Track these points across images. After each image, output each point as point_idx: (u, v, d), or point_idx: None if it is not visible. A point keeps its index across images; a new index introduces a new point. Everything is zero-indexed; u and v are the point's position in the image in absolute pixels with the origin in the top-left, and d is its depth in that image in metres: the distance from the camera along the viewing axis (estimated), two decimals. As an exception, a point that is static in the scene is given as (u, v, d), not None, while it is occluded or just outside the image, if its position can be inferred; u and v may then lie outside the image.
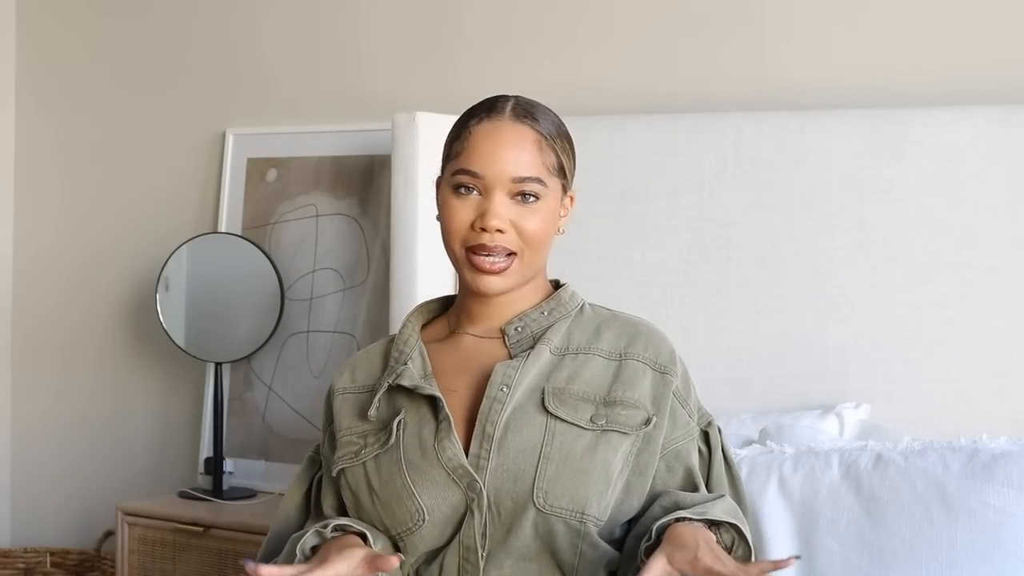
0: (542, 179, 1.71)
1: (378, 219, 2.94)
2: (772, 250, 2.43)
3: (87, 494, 3.34)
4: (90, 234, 3.37)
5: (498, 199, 1.69)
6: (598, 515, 1.66)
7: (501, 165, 1.69)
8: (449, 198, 1.72)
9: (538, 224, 1.71)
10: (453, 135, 1.76)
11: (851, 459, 1.94)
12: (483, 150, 1.70)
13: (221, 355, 3.02)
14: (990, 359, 2.28)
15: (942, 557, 1.82)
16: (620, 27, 2.74)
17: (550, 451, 1.66)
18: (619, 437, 1.68)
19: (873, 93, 2.48)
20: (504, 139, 1.71)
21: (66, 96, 3.41)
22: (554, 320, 1.76)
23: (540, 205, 1.71)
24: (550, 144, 1.73)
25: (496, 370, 1.71)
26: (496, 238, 1.69)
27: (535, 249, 1.72)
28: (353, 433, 1.76)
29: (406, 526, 1.68)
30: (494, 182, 1.69)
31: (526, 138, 1.71)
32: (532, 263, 1.73)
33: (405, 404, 1.73)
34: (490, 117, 1.72)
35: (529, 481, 1.65)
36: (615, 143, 2.55)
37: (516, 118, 1.72)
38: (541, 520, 1.65)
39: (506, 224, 1.69)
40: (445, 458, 1.67)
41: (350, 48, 3.04)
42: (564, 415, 1.68)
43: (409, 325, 1.82)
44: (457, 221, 1.71)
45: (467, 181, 1.70)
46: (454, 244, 1.72)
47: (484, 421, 1.68)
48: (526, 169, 1.70)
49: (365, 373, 1.81)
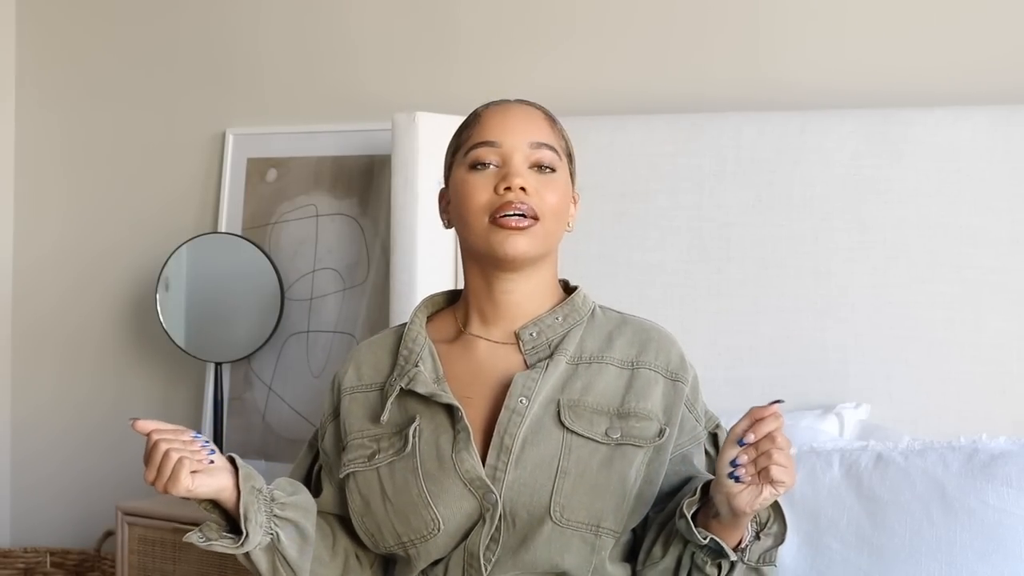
0: (557, 150, 1.73)
1: (378, 219, 2.94)
2: (772, 250, 2.43)
3: (87, 494, 3.34)
4: (90, 234, 3.37)
5: (518, 163, 1.70)
6: (614, 527, 1.67)
7: (518, 133, 1.72)
8: (466, 176, 1.72)
9: (556, 197, 1.71)
10: (461, 127, 1.78)
11: (852, 459, 1.94)
12: (497, 123, 1.73)
13: (221, 355, 3.02)
14: (990, 359, 2.28)
15: (942, 556, 1.82)
16: (620, 27, 2.74)
17: (567, 465, 1.66)
18: (633, 450, 1.68)
19: (873, 93, 2.48)
20: (517, 112, 1.75)
21: (66, 96, 3.41)
22: (570, 327, 1.75)
23: (557, 178, 1.72)
24: (559, 130, 1.77)
25: (515, 381, 1.69)
26: (521, 196, 1.68)
27: (555, 219, 1.72)
28: (365, 436, 1.74)
29: (420, 534, 1.67)
30: (512, 149, 1.71)
31: (536, 114, 1.76)
32: (550, 235, 1.72)
33: (419, 410, 1.72)
34: (497, 103, 1.77)
35: (546, 495, 1.65)
36: (615, 143, 2.55)
37: (523, 102, 1.77)
38: (556, 534, 1.65)
39: (530, 186, 1.69)
40: (463, 469, 1.66)
41: (350, 48, 3.04)
42: (580, 429, 1.67)
43: (417, 321, 1.80)
44: (478, 194, 1.70)
45: (484, 154, 1.71)
46: (476, 217, 1.70)
47: (503, 433, 1.67)
48: (542, 136, 1.73)
49: (372, 370, 1.79)
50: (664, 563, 1.68)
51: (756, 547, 1.63)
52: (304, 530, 1.71)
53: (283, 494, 1.70)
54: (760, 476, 1.51)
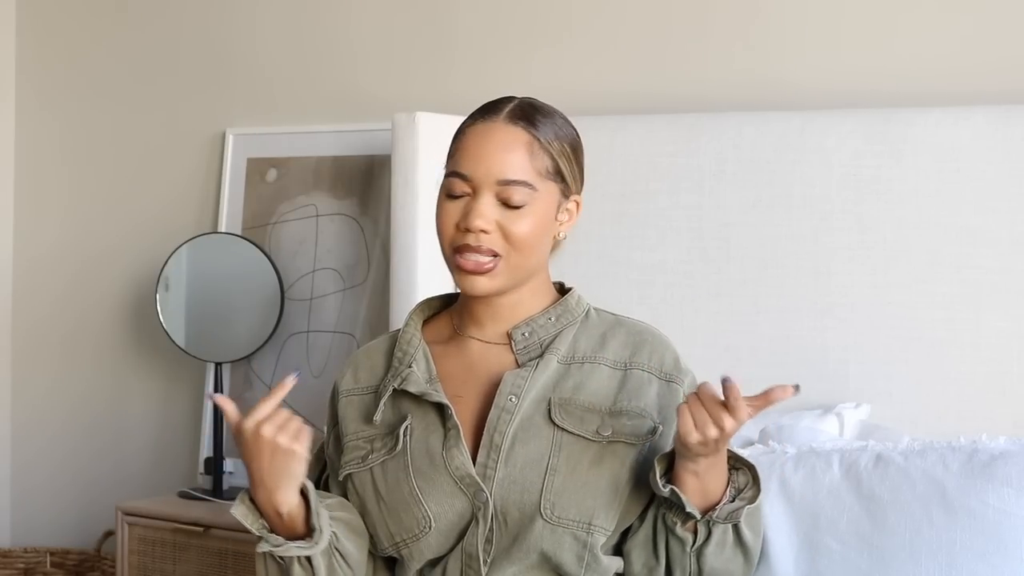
0: (530, 183, 1.68)
1: (378, 219, 2.94)
2: (772, 250, 2.43)
3: (87, 494, 3.34)
4: (90, 234, 3.37)
5: (484, 200, 1.68)
6: (605, 525, 1.67)
7: (487, 167, 1.68)
8: (442, 200, 1.72)
9: (525, 228, 1.69)
10: (454, 135, 1.76)
11: (851, 459, 1.94)
12: (472, 152, 1.69)
13: (221, 355, 3.02)
14: (990, 359, 2.28)
15: (942, 557, 1.82)
16: (620, 27, 2.74)
17: (557, 463, 1.66)
18: (625, 448, 1.69)
19: (873, 93, 2.48)
20: (494, 140, 1.69)
21: (66, 95, 3.41)
22: (562, 327, 1.75)
23: (528, 210, 1.69)
24: (544, 147, 1.70)
25: (505, 379, 1.70)
26: (480, 238, 1.67)
27: (522, 252, 1.69)
28: (360, 438, 1.75)
29: (412, 533, 1.68)
30: (481, 184, 1.68)
31: (517, 141, 1.69)
32: (520, 266, 1.71)
33: (411, 409, 1.73)
34: (485, 119, 1.71)
35: (536, 493, 1.65)
36: (615, 143, 2.54)
37: (511, 120, 1.70)
38: (548, 531, 1.65)
39: (491, 225, 1.67)
40: (453, 467, 1.67)
41: (350, 48, 3.04)
42: (570, 427, 1.68)
43: (412, 324, 1.81)
44: (446, 223, 1.71)
45: (456, 185, 1.70)
46: (444, 246, 1.72)
47: (492, 431, 1.68)
48: (513, 172, 1.68)
49: (368, 373, 1.81)
50: (641, 533, 1.70)
51: (725, 508, 1.65)
52: (357, 527, 1.72)
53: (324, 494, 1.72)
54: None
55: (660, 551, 1.69)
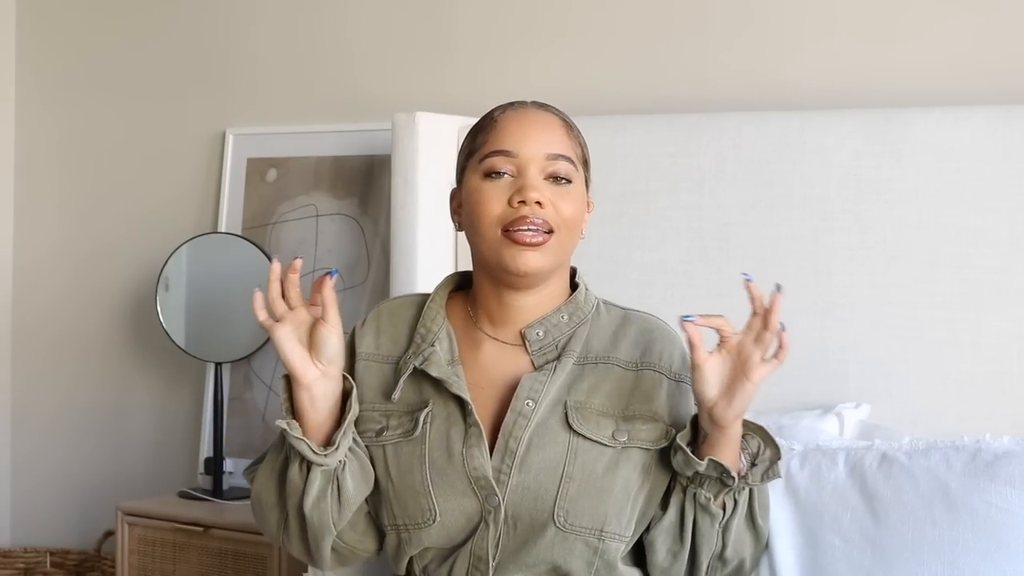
0: (573, 160, 1.70)
1: (378, 219, 2.94)
2: (772, 250, 2.43)
3: (87, 494, 3.34)
4: (90, 234, 3.37)
5: (534, 175, 1.67)
6: (618, 531, 1.67)
7: (534, 143, 1.68)
8: (480, 184, 1.69)
9: (571, 208, 1.69)
10: (476, 129, 1.75)
11: (856, 458, 1.94)
12: (514, 131, 1.69)
13: (221, 355, 3.02)
14: (990, 359, 2.28)
15: (944, 556, 1.82)
16: (620, 27, 2.74)
17: (572, 470, 1.66)
18: (639, 453, 1.69)
19: (873, 93, 2.49)
20: (533, 120, 1.71)
21: (66, 96, 3.41)
22: (575, 326, 1.74)
23: (573, 188, 1.70)
24: (576, 135, 1.74)
25: (523, 383, 1.69)
26: (536, 210, 1.66)
27: (571, 231, 1.69)
28: (375, 410, 1.74)
29: (415, 521, 1.68)
30: (528, 160, 1.67)
31: (553, 122, 1.72)
32: (565, 246, 1.70)
33: (432, 394, 1.71)
34: (514, 107, 1.73)
35: (550, 500, 1.65)
36: (615, 143, 2.55)
37: (541, 107, 1.74)
38: (559, 539, 1.65)
39: (545, 199, 1.67)
40: (471, 467, 1.66)
41: (350, 48, 3.04)
42: (587, 432, 1.67)
43: (437, 300, 1.78)
44: (492, 204, 1.67)
45: (499, 163, 1.68)
46: (488, 228, 1.67)
47: (508, 436, 1.67)
48: (559, 147, 1.69)
49: (390, 341, 1.78)
50: (667, 519, 1.69)
51: (756, 471, 1.67)
52: (369, 471, 1.71)
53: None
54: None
55: (686, 534, 1.69)
